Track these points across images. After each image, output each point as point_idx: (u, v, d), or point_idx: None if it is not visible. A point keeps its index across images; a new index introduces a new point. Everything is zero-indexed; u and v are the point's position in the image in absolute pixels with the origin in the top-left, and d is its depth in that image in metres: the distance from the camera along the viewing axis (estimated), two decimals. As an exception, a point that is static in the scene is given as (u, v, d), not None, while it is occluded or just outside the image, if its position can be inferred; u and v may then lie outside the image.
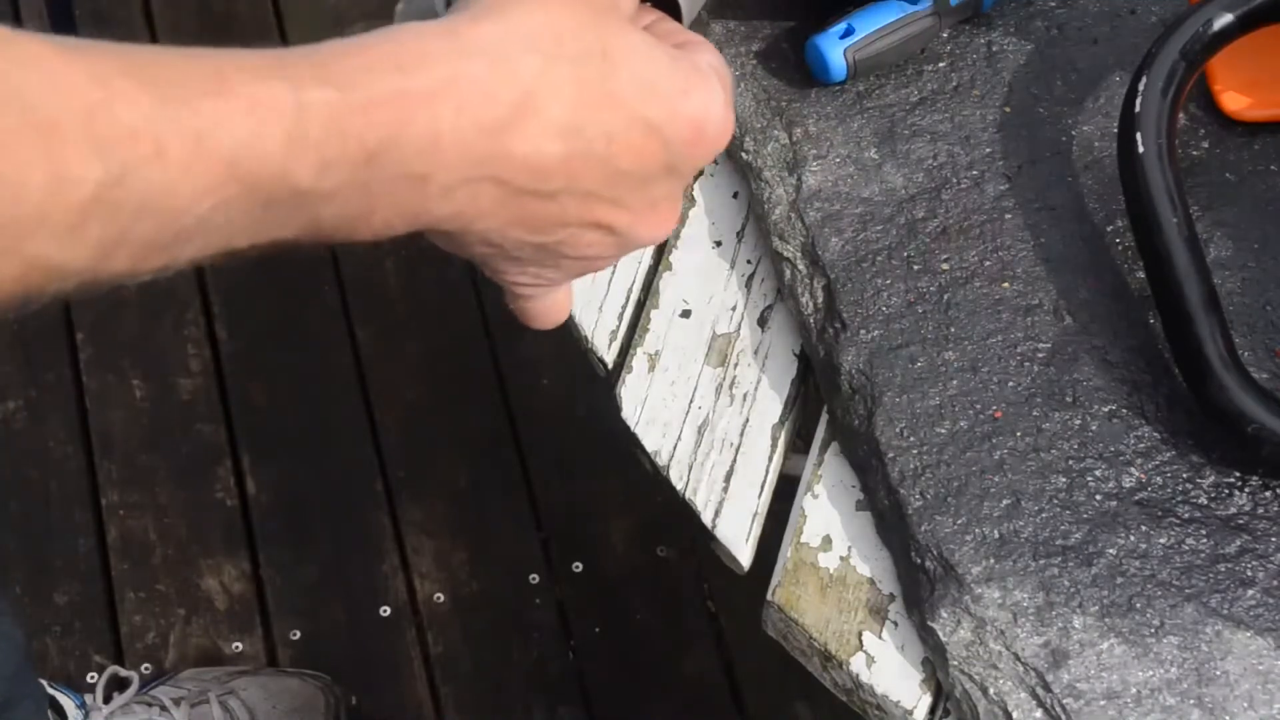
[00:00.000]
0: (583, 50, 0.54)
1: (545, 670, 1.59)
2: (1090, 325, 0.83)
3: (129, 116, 0.44)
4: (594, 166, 0.54)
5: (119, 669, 1.46)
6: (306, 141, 0.48)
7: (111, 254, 0.45)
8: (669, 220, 0.60)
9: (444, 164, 0.51)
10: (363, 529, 1.67)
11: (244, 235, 0.49)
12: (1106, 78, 0.91)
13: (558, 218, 0.56)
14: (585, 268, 0.60)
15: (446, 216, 0.54)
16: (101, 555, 1.65)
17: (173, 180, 0.45)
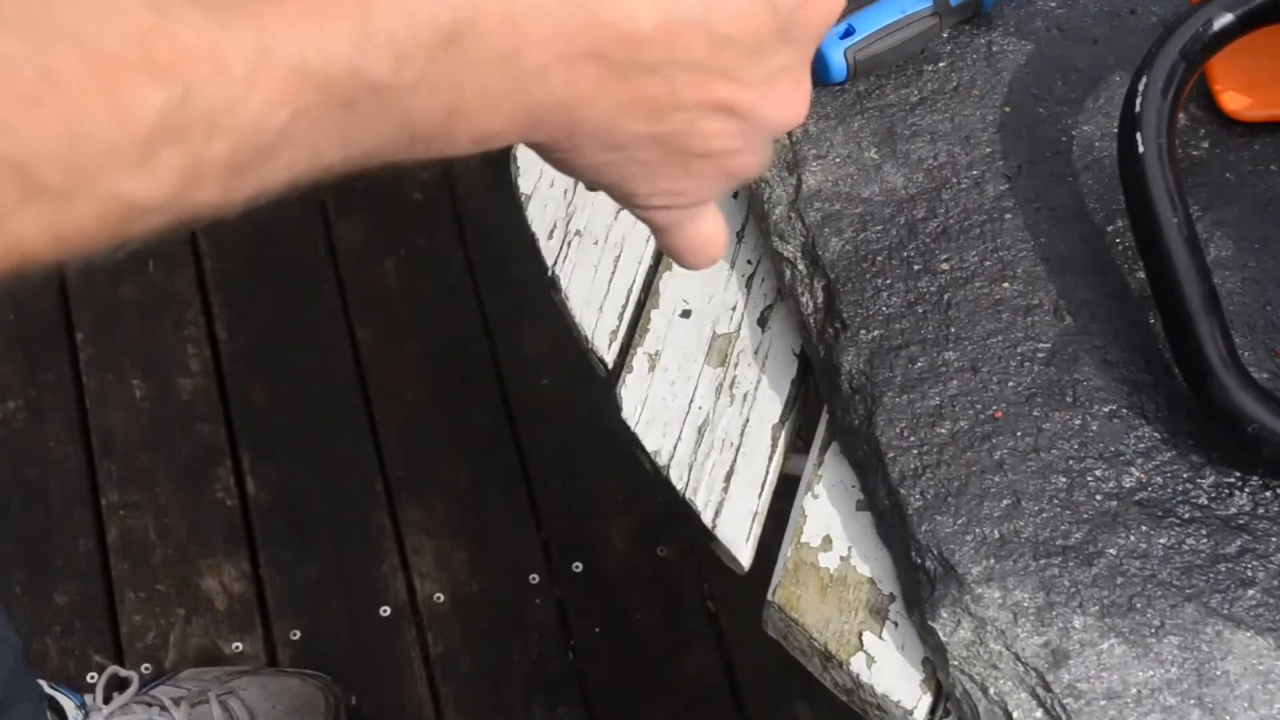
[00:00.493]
0: None
1: (545, 670, 1.59)
2: (1090, 325, 0.83)
3: (185, 36, 0.42)
4: (694, 32, 0.51)
5: (119, 669, 1.46)
6: (376, 33, 0.45)
7: (192, 182, 0.43)
8: (796, 99, 0.55)
9: (529, 39, 0.48)
10: (363, 529, 1.67)
11: (333, 147, 0.46)
12: (1106, 78, 0.91)
13: (669, 97, 0.51)
14: (720, 169, 0.55)
15: (547, 106, 0.50)
16: (101, 555, 1.65)
17: (239, 95, 0.43)
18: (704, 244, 0.58)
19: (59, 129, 0.41)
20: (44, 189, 0.41)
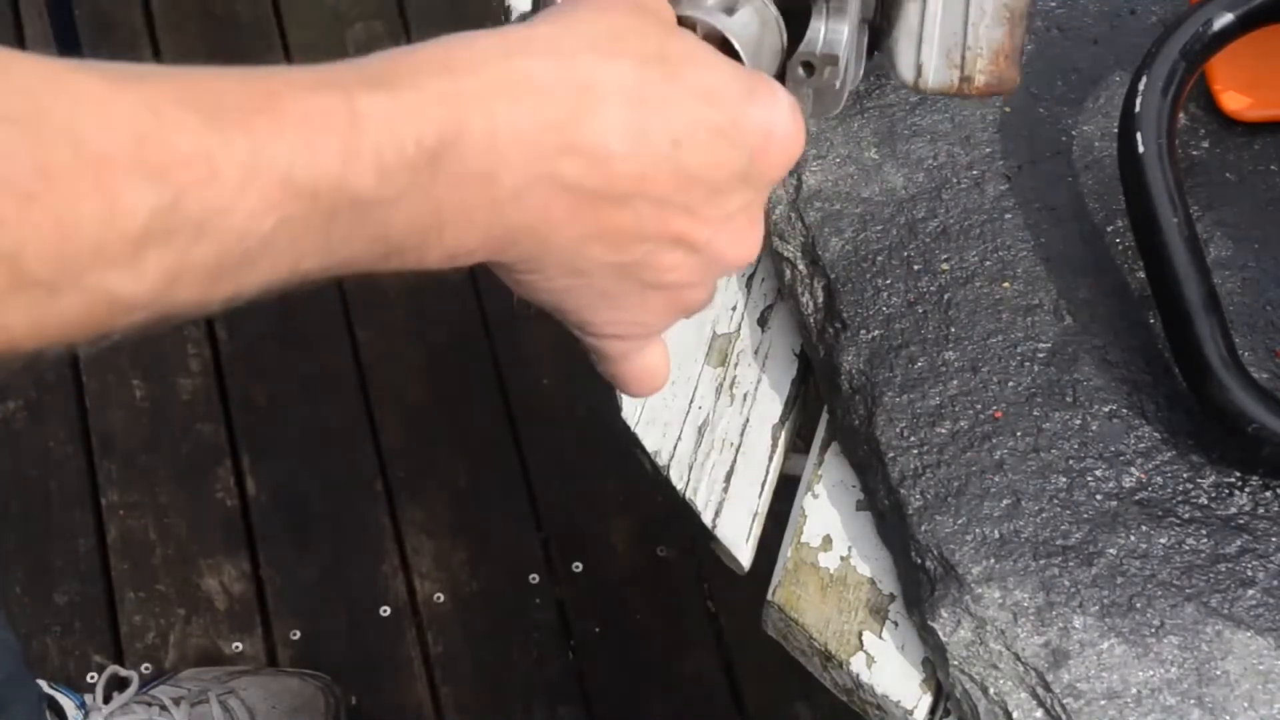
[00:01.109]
0: (642, 52, 0.53)
1: (545, 670, 1.59)
2: (1090, 325, 0.83)
3: (180, 141, 0.44)
4: (662, 168, 0.53)
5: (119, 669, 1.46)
6: (363, 148, 0.47)
7: (175, 282, 0.45)
8: (751, 237, 0.57)
9: (508, 162, 0.50)
10: (363, 529, 1.67)
11: (312, 255, 0.48)
12: (1106, 78, 0.91)
13: (634, 229, 0.53)
14: (673, 302, 0.58)
15: (519, 228, 0.52)
16: (101, 555, 1.65)
17: (229, 200, 0.44)
18: (648, 375, 0.61)
19: (51, 224, 0.42)
20: (32, 281, 0.42)
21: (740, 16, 0.62)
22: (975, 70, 0.67)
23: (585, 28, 0.53)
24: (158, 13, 2.03)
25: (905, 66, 0.68)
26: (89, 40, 1.93)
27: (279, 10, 2.03)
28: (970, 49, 0.67)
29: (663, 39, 0.54)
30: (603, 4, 0.54)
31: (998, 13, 0.66)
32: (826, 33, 0.64)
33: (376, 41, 2.00)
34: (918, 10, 0.67)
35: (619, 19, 0.54)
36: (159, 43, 2.01)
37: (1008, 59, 0.67)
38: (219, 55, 2.00)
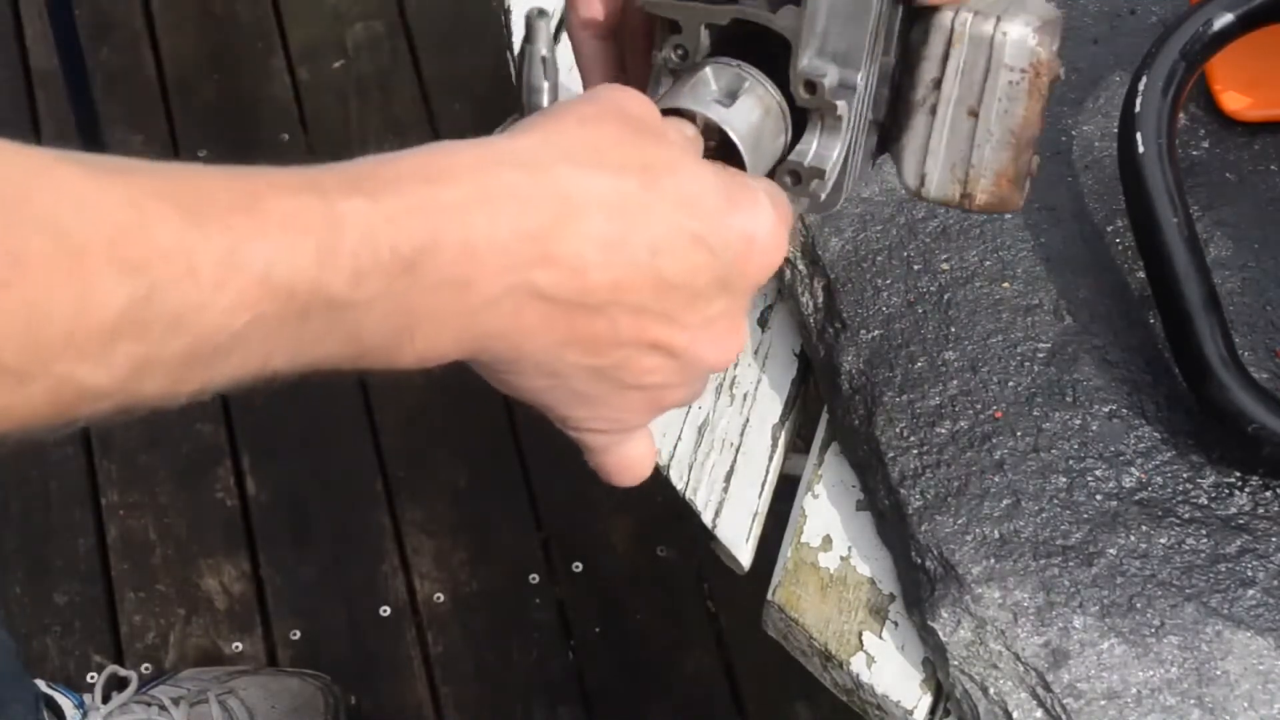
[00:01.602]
0: (621, 162, 0.53)
1: (545, 670, 1.59)
2: (1090, 325, 0.83)
3: (160, 237, 0.44)
4: (640, 277, 0.53)
5: (118, 669, 1.46)
6: (340, 252, 0.47)
7: (144, 374, 0.45)
8: (731, 341, 0.58)
9: (483, 271, 0.50)
10: (363, 529, 1.67)
11: (282, 353, 0.48)
12: (1106, 78, 0.91)
13: (610, 335, 0.54)
14: (653, 401, 0.58)
15: (492, 334, 0.52)
16: (101, 555, 1.65)
17: (204, 297, 0.45)
18: (631, 466, 0.61)
19: (22, 312, 0.42)
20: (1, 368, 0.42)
21: (740, 107, 0.62)
22: (977, 189, 0.67)
23: (564, 139, 0.53)
24: (158, 13, 2.03)
25: (909, 173, 0.68)
26: (89, 40, 1.93)
27: (279, 10, 2.03)
28: (974, 168, 0.67)
29: (643, 147, 0.54)
30: (584, 113, 0.55)
31: (1004, 137, 0.66)
32: (818, 147, 0.63)
33: (376, 41, 2.00)
34: (926, 124, 0.67)
35: (599, 129, 0.54)
36: (159, 43, 2.01)
37: (1010, 183, 0.67)
38: (219, 55, 2.00)
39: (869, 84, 0.65)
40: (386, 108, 1.96)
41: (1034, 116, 0.66)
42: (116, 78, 1.98)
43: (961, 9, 0.65)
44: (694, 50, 0.63)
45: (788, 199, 0.60)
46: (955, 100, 0.66)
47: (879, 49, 0.64)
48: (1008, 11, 0.65)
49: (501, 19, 1.03)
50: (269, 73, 1.99)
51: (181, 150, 1.92)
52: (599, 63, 0.69)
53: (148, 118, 1.95)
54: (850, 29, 0.63)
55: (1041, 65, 0.65)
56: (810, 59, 0.62)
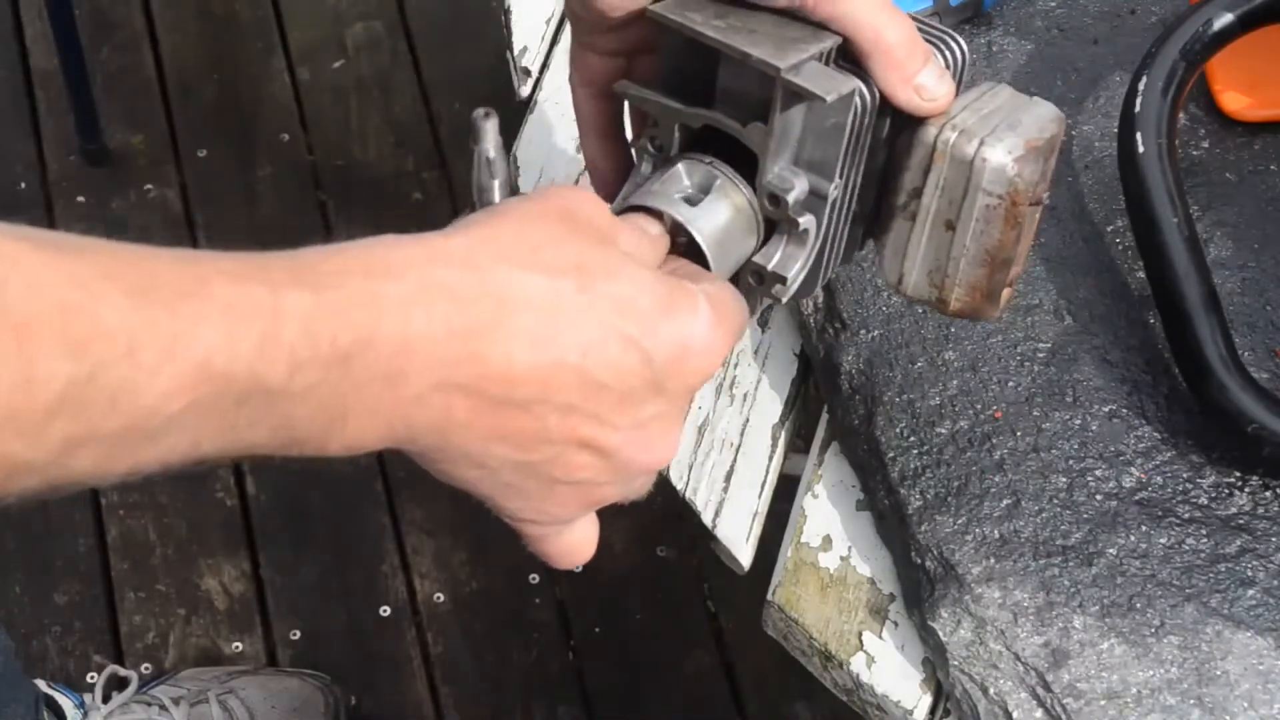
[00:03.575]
0: (557, 262, 0.54)
1: (545, 670, 1.59)
2: (1090, 325, 0.83)
3: (105, 317, 0.45)
4: (569, 377, 0.54)
5: (118, 669, 1.46)
6: (280, 342, 0.48)
7: (77, 451, 0.45)
8: (663, 444, 0.58)
9: (415, 367, 0.51)
10: (363, 529, 1.67)
11: (214, 439, 0.49)
12: (1106, 78, 0.91)
13: (538, 432, 0.54)
14: (584, 497, 0.58)
15: (421, 425, 0.53)
16: (101, 555, 1.65)
17: (144, 379, 0.45)
18: (570, 552, 0.61)
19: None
20: None
21: (707, 207, 0.61)
22: (951, 297, 0.67)
23: (504, 238, 0.54)
24: (158, 13, 2.03)
25: (889, 270, 0.68)
26: (89, 40, 1.93)
27: (279, 10, 2.03)
28: (949, 277, 0.67)
29: (582, 249, 0.55)
30: (527, 212, 0.55)
31: (979, 255, 0.66)
32: (782, 255, 0.63)
33: (376, 41, 2.00)
34: (906, 228, 0.67)
35: (540, 228, 0.55)
36: (159, 43, 2.01)
37: (984, 297, 0.67)
38: (219, 55, 2.00)
39: (850, 186, 0.64)
40: (386, 108, 1.96)
41: (1009, 240, 0.65)
42: (116, 78, 1.98)
43: (946, 126, 0.64)
44: (668, 145, 0.63)
45: (736, 305, 0.59)
46: (934, 212, 0.66)
47: (861, 156, 0.64)
48: (994, 132, 0.64)
49: (501, 19, 1.03)
50: (269, 73, 1.99)
51: (181, 150, 1.92)
52: (596, 121, 0.70)
53: (148, 118, 1.95)
54: (825, 142, 0.62)
55: (1018, 194, 0.64)
56: (779, 171, 0.62)
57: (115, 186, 1.89)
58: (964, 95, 0.66)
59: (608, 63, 0.68)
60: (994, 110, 0.66)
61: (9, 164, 1.91)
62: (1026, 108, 0.66)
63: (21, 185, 1.90)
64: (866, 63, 0.63)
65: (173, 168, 1.91)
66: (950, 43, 0.66)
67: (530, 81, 1.01)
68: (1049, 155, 0.65)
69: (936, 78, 0.64)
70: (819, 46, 0.61)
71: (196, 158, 1.92)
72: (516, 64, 1.01)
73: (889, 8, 0.63)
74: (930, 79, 0.63)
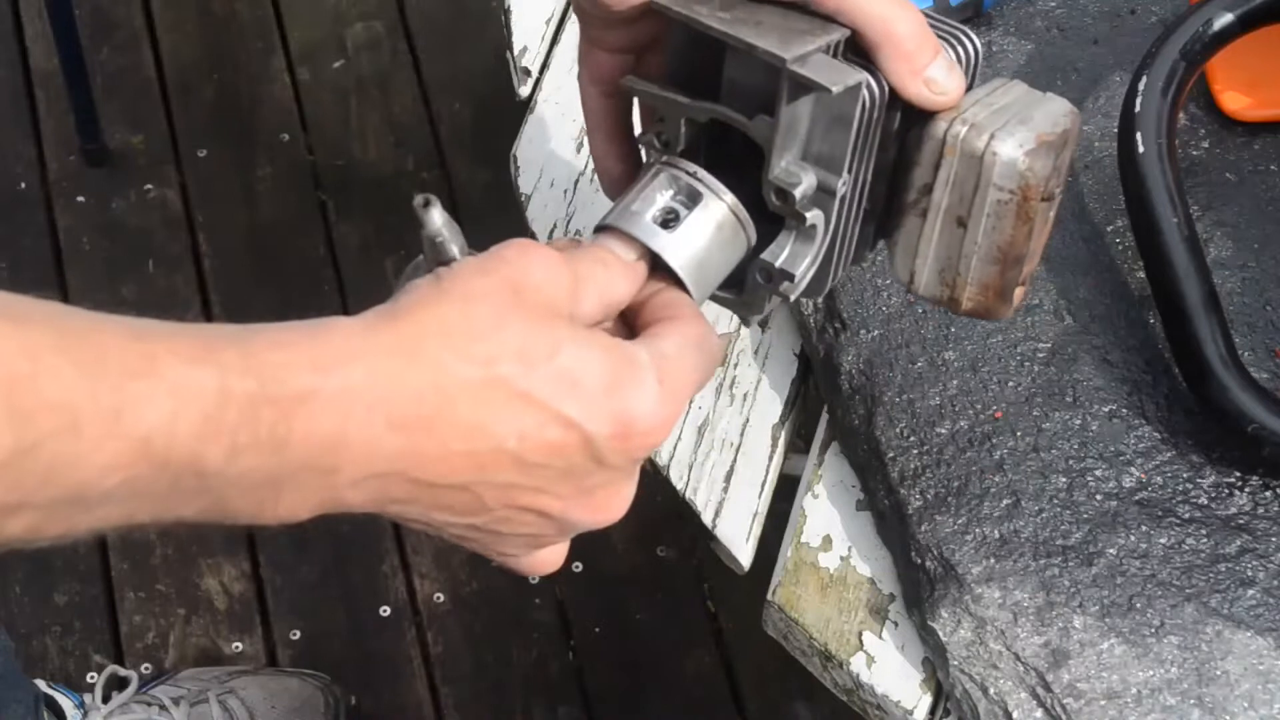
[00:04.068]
0: (498, 348, 0.54)
1: (545, 670, 1.59)
2: (1090, 325, 0.83)
3: (51, 391, 0.45)
4: (503, 461, 0.54)
5: (118, 669, 1.46)
6: (221, 426, 0.49)
7: (10, 517, 0.46)
8: (610, 507, 0.59)
9: (351, 459, 0.52)
10: (363, 529, 1.67)
11: (149, 510, 0.50)
12: (1106, 78, 0.91)
13: (476, 505, 0.55)
14: (533, 543, 0.59)
15: (358, 504, 0.54)
16: (101, 555, 1.65)
17: (84, 454, 0.46)
18: (537, 567, 0.62)
19: None
20: None
21: (683, 232, 0.61)
22: (963, 296, 0.67)
23: (446, 324, 0.54)
24: (158, 13, 2.03)
25: (900, 268, 0.68)
26: (89, 40, 1.93)
27: (279, 10, 2.03)
28: (960, 275, 0.66)
29: (524, 332, 0.54)
30: (472, 292, 0.55)
31: (990, 252, 0.65)
32: (790, 252, 0.63)
33: (376, 41, 2.00)
34: (916, 225, 0.66)
35: (484, 310, 0.54)
36: (159, 43, 2.01)
37: (996, 295, 0.66)
38: (219, 55, 2.00)
39: (860, 182, 0.64)
40: (386, 108, 1.96)
41: (1021, 236, 0.64)
42: (116, 78, 1.98)
43: (957, 120, 0.64)
44: (674, 140, 0.63)
45: (692, 365, 0.59)
46: (945, 209, 0.65)
47: (870, 151, 0.63)
48: (1005, 126, 0.64)
49: (501, 19, 1.03)
50: (269, 73, 1.99)
51: (181, 150, 1.92)
52: (604, 119, 0.70)
53: (148, 118, 1.95)
54: (833, 136, 0.61)
55: (1030, 189, 0.63)
56: (785, 165, 0.61)
57: (115, 186, 1.89)
58: (976, 91, 0.65)
59: (616, 60, 0.68)
60: (1006, 105, 0.65)
61: (9, 164, 1.91)
62: (1039, 103, 0.65)
63: (21, 185, 1.90)
64: (875, 55, 0.62)
65: (173, 168, 1.91)
66: (962, 38, 0.65)
67: (530, 81, 1.00)
68: (1061, 150, 0.65)
69: (946, 71, 0.63)
70: (826, 39, 0.61)
71: (196, 158, 1.92)
72: (516, 64, 1.01)
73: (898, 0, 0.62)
74: (940, 72, 0.63)
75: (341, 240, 1.85)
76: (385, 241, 1.84)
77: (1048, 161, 0.64)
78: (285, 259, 1.84)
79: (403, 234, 1.85)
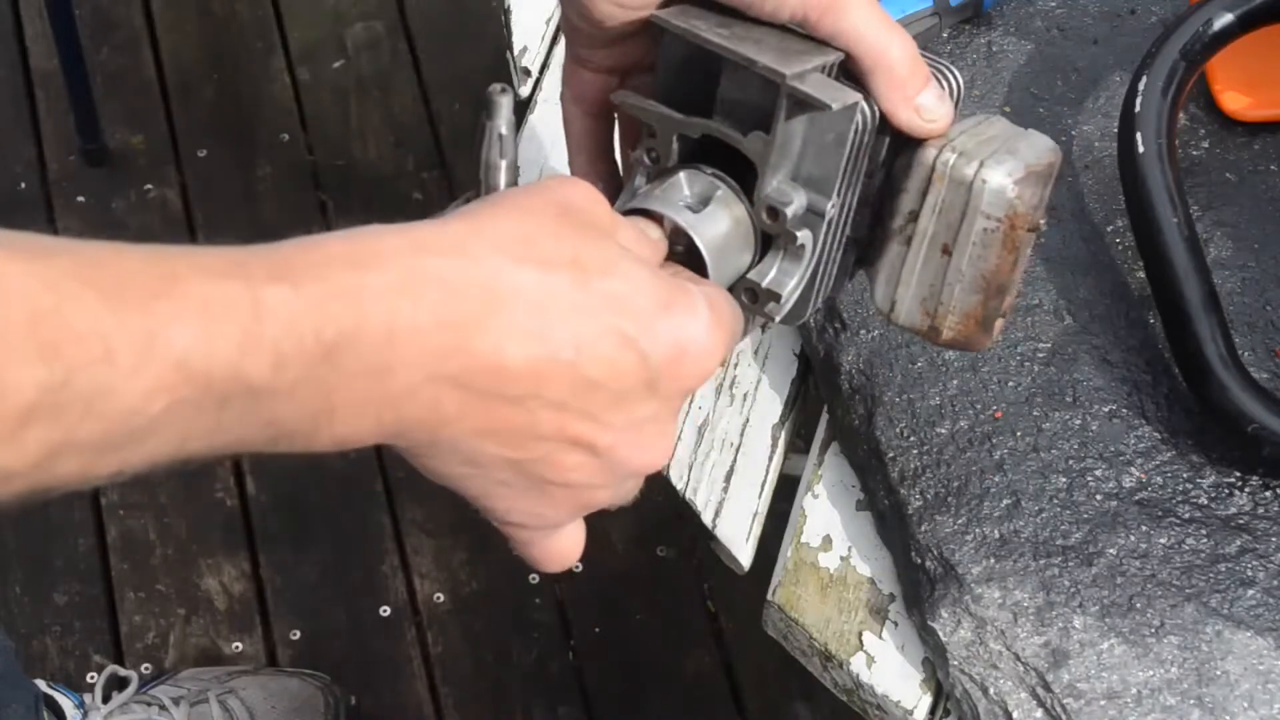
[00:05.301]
0: (552, 256, 0.53)
1: (545, 670, 1.59)
2: (1090, 325, 0.83)
3: (77, 320, 0.44)
4: (561, 373, 0.52)
5: (118, 668, 1.46)
6: (261, 338, 0.47)
7: (57, 456, 0.45)
8: (657, 446, 0.57)
9: (402, 359, 0.50)
10: (363, 529, 1.67)
11: (200, 437, 0.48)
12: (1106, 78, 0.91)
13: (529, 428, 0.53)
14: (575, 500, 0.57)
15: (411, 420, 0.52)
16: (101, 555, 1.65)
17: (121, 381, 0.45)
18: (557, 557, 0.60)
19: None
20: None
21: (708, 215, 0.61)
22: (944, 325, 0.66)
23: (498, 228, 0.53)
24: (158, 13, 2.03)
25: (881, 297, 0.67)
26: (89, 40, 1.93)
27: (279, 10, 2.03)
28: (943, 304, 0.66)
29: (579, 243, 0.54)
30: (524, 204, 0.54)
31: (975, 280, 0.65)
32: (778, 271, 0.62)
33: (376, 41, 2.00)
34: (900, 253, 0.66)
35: (535, 221, 0.53)
36: (159, 43, 2.01)
37: (978, 325, 0.66)
38: (219, 55, 2.00)
39: (846, 207, 0.64)
40: (386, 108, 1.96)
41: (1006, 265, 0.64)
42: (116, 78, 1.98)
43: (946, 147, 0.64)
44: (664, 156, 0.63)
45: (733, 311, 0.59)
46: (930, 236, 0.65)
47: (859, 175, 0.63)
48: (994, 155, 0.64)
49: (501, 18, 1.03)
50: (269, 73, 1.99)
51: (181, 150, 1.92)
52: (586, 139, 0.69)
53: (148, 118, 1.95)
54: (825, 157, 0.62)
55: (1017, 217, 0.63)
56: (778, 184, 0.61)
57: (115, 186, 1.89)
58: (959, 123, 0.66)
59: (601, 80, 0.67)
60: (992, 137, 0.65)
61: (9, 164, 1.91)
62: (1023, 137, 0.66)
63: (21, 185, 1.90)
64: (868, 80, 0.62)
65: (173, 168, 1.91)
66: (946, 73, 0.66)
67: (530, 81, 1.01)
68: (1046, 182, 0.65)
69: (936, 99, 0.63)
70: (822, 60, 0.61)
71: (196, 158, 1.92)
72: (516, 64, 1.01)
73: (893, 26, 0.62)
74: (930, 99, 0.63)
75: (341, 240, 1.85)
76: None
77: (1035, 191, 0.64)
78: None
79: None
